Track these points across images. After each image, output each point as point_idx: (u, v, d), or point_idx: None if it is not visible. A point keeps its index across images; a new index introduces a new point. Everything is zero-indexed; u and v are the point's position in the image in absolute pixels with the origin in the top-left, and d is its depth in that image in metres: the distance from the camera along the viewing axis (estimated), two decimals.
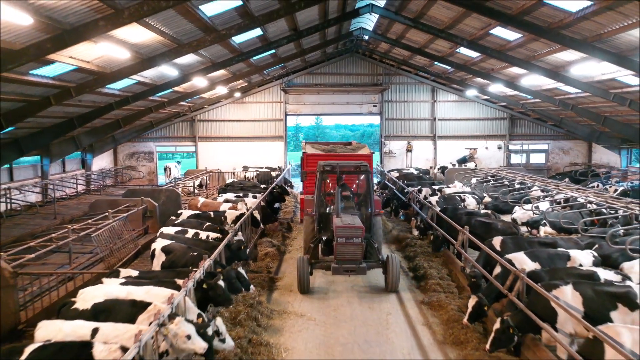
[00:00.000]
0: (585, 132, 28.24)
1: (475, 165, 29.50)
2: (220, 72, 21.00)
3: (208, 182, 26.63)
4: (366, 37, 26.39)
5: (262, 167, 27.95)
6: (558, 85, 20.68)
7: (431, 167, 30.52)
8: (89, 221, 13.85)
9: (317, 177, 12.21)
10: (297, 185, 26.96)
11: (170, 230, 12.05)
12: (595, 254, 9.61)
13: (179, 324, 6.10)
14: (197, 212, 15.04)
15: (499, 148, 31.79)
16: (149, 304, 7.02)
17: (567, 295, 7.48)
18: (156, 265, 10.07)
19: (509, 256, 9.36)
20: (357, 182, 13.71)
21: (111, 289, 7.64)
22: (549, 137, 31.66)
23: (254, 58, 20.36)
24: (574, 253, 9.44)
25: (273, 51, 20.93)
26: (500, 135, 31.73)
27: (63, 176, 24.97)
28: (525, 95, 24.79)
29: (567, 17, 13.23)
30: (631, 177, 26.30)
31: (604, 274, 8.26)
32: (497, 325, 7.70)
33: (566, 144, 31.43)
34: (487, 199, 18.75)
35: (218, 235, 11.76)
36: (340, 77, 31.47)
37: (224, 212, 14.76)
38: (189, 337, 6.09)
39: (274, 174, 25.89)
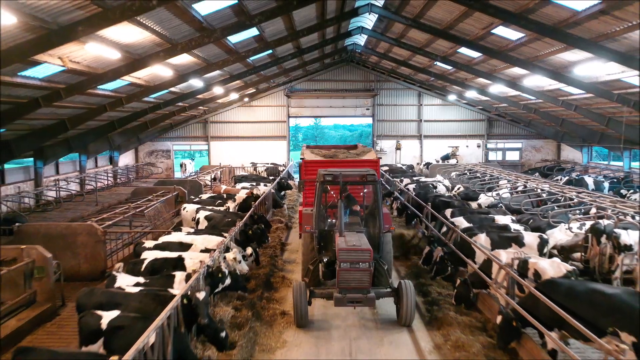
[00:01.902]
0: (551, 132, 32.18)
1: (457, 162, 33.34)
2: (235, 82, 24.85)
3: (221, 176, 30.54)
4: (359, 50, 30.27)
5: (267, 163, 31.81)
6: (520, 93, 24.58)
7: (418, 164, 34.41)
8: (138, 202, 17.75)
9: (316, 189, 10.61)
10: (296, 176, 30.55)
11: (193, 206, 15.84)
12: (514, 218, 13.52)
13: (235, 253, 9.97)
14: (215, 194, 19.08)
15: (478, 146, 35.73)
16: (191, 244, 10.85)
17: (481, 239, 11.36)
18: (200, 228, 13.92)
19: (452, 219, 13.25)
20: (363, 192, 11.93)
21: (180, 236, 11.50)
22: (523, 137, 35.59)
23: (264, 70, 24.26)
24: (497, 217, 13.35)
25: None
26: (479, 135, 35.67)
27: (96, 170, 28.82)
28: (496, 100, 28.69)
29: (510, 44, 17.13)
30: (591, 171, 30.21)
31: (515, 227, 12.17)
32: (437, 260, 11.57)
33: (537, 142, 35.37)
34: (461, 188, 22.60)
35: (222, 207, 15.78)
36: (337, 83, 35.38)
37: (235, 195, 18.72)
38: (240, 261, 9.95)
39: (280, 168, 29.78)
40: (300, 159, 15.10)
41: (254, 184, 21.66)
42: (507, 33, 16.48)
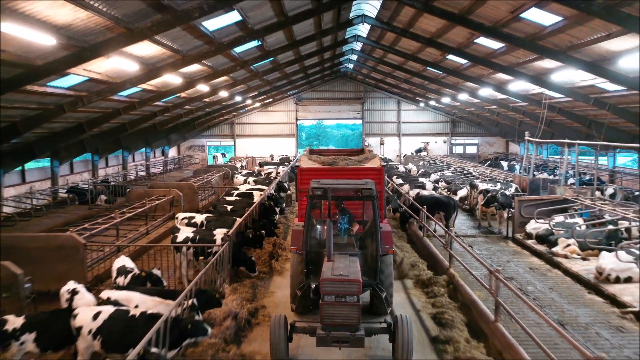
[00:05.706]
0: (496, 131, 42.15)
1: (427, 154, 43.28)
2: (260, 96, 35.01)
3: (246, 163, 40.70)
4: (350, 70, 40.37)
5: (282, 155, 41.98)
6: (461, 103, 34.62)
7: (397, 155, 44.46)
8: (204, 175, 27.85)
9: (307, 203, 9.32)
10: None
11: (242, 177, 25.97)
12: (431, 179, 23.55)
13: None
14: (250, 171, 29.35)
15: (444, 142, 45.75)
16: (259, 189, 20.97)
17: (405, 187, 21.40)
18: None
19: (396, 182, 23.33)
20: (362, 206, 10.74)
21: (246, 187, 21.59)
22: (479, 135, 45.49)
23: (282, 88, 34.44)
24: (423, 179, 23.39)
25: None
26: (445, 133, 45.67)
27: (156, 160, 38.97)
28: (448, 107, 38.74)
29: (439, 76, 27.10)
30: (527, 161, 40.06)
31: (428, 184, 22.18)
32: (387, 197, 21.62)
33: (490, 139, 45.30)
34: (422, 170, 32.57)
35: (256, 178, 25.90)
36: (334, 93, 45.47)
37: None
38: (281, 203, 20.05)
39: (290, 158, 40.03)
40: (296, 166, 14.39)
41: (276, 166, 31.82)
42: (436, 70, 26.49)
